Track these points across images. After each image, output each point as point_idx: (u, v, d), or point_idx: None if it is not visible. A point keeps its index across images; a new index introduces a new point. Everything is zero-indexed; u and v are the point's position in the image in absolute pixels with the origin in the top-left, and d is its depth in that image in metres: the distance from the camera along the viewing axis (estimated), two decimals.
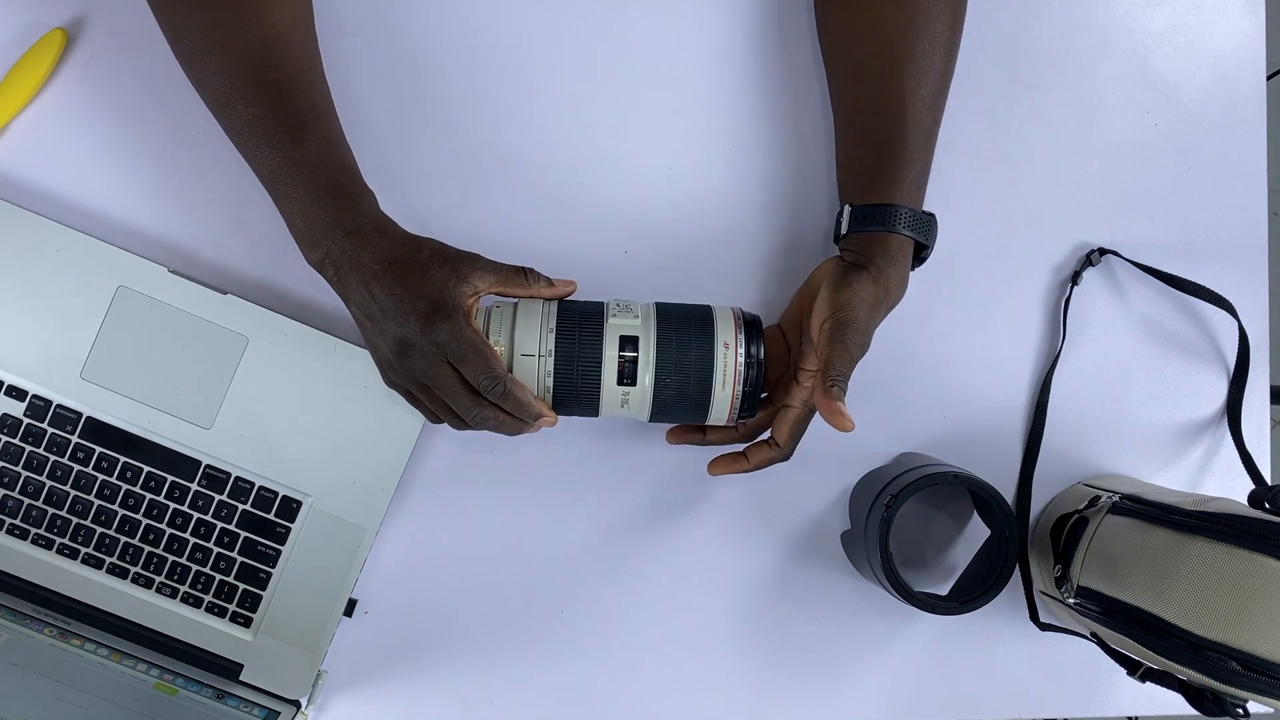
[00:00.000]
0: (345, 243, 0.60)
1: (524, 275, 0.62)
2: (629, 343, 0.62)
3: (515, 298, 0.63)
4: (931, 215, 0.66)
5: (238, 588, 0.68)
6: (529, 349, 0.61)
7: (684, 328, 0.62)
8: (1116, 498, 0.65)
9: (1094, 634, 0.66)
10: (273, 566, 0.68)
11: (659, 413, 0.63)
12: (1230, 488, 0.75)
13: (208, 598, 0.68)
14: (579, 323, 0.62)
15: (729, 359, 0.61)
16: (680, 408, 0.62)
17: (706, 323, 0.62)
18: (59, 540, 0.68)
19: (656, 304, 0.64)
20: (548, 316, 0.62)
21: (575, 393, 0.62)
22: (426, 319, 0.58)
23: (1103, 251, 0.75)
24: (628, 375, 0.61)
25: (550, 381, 0.61)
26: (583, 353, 0.61)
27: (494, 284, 0.61)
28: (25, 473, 0.68)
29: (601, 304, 0.63)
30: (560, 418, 0.64)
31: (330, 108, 0.65)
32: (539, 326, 0.61)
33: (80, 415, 0.68)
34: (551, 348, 0.61)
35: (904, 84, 0.66)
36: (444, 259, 0.60)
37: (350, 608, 0.69)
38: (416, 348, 0.59)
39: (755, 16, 0.75)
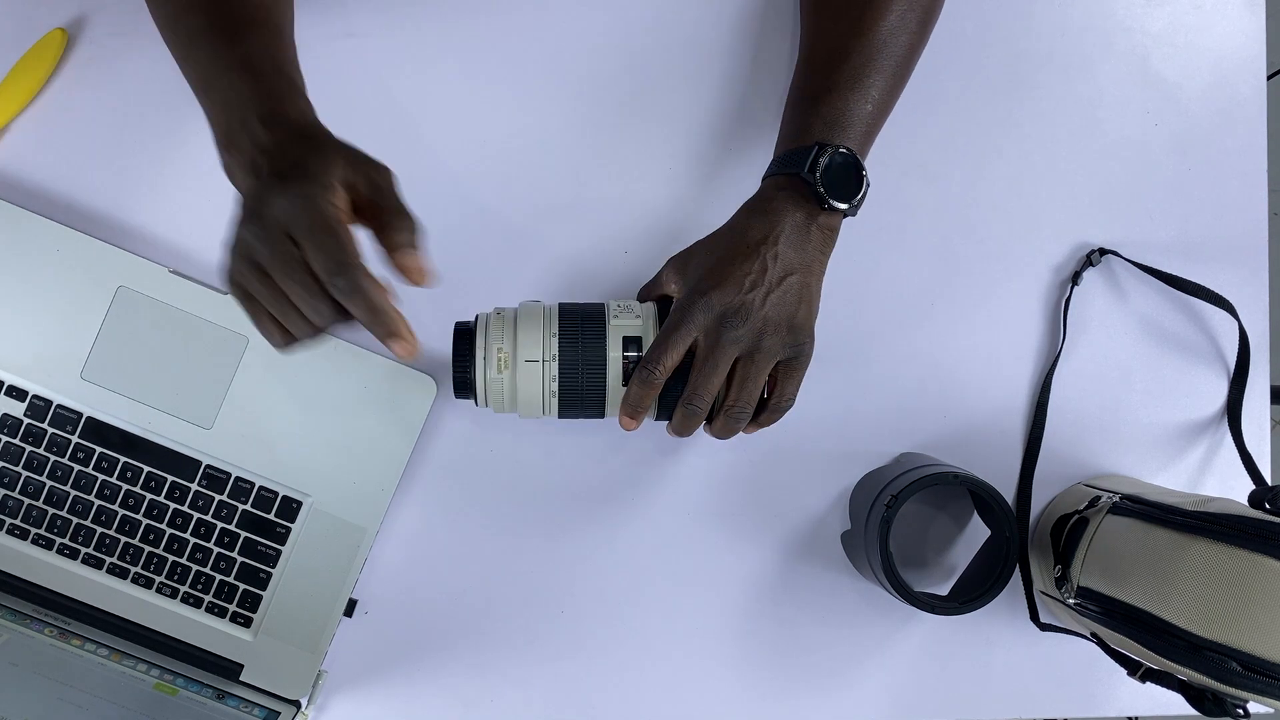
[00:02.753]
0: (260, 132, 0.52)
1: (397, 214, 0.51)
2: (632, 343, 0.62)
3: (368, 232, 0.52)
4: (815, 145, 0.60)
5: (238, 588, 0.68)
6: (532, 354, 0.61)
7: None
8: (1117, 498, 0.65)
9: (1094, 634, 0.66)
10: (273, 566, 0.68)
11: (664, 411, 0.63)
12: (1230, 488, 0.75)
13: (208, 598, 0.68)
14: (581, 325, 0.62)
15: None
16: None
17: None
18: (59, 540, 0.68)
19: (657, 303, 0.64)
20: (549, 321, 0.62)
21: (581, 396, 0.62)
22: (281, 177, 0.49)
23: (1103, 251, 0.75)
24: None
25: (555, 386, 0.61)
26: (586, 355, 0.61)
27: (368, 189, 0.51)
28: (25, 473, 0.68)
29: (602, 305, 0.63)
30: (560, 420, 0.64)
31: (282, 30, 0.60)
32: (541, 331, 0.61)
33: (80, 415, 0.68)
34: (555, 352, 0.61)
35: (826, 44, 0.65)
36: (338, 146, 0.52)
37: (350, 608, 0.69)
38: (261, 214, 0.49)
39: (756, 18, 0.75)
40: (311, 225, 0.48)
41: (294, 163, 0.50)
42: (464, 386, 0.62)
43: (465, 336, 0.62)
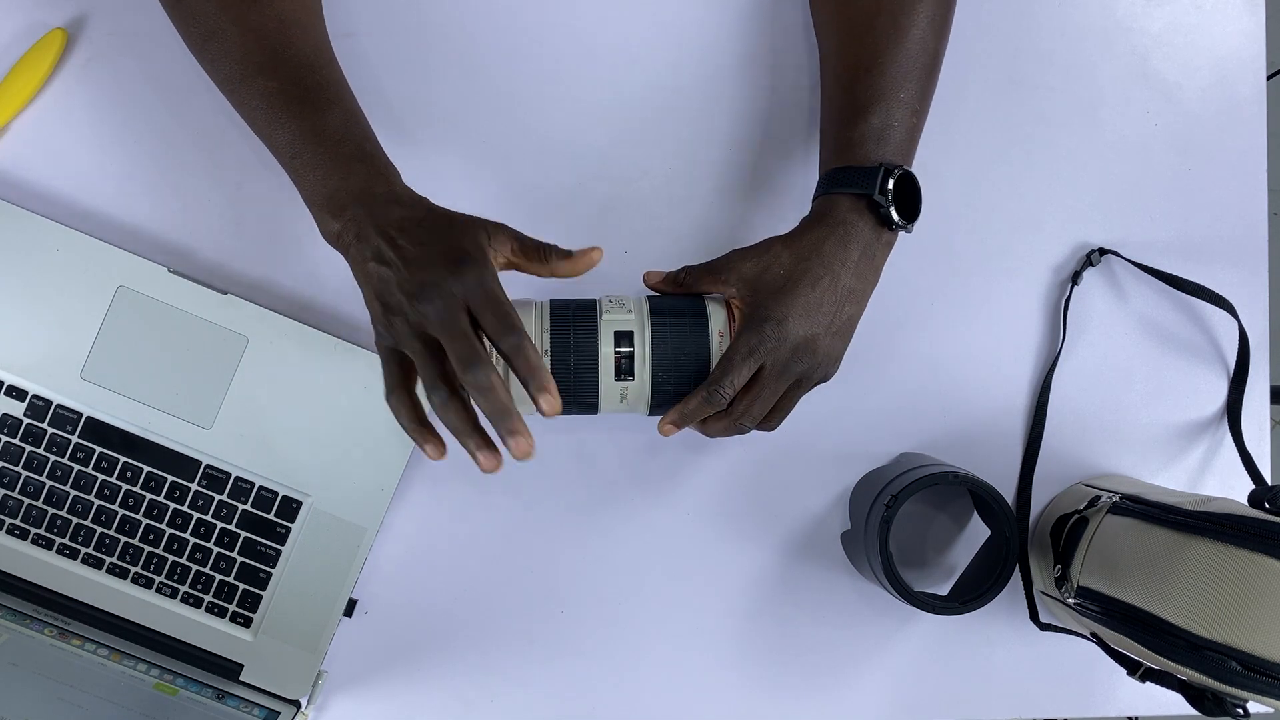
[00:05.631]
0: (375, 205, 0.58)
1: (542, 250, 0.61)
2: (624, 338, 0.61)
3: (533, 274, 0.61)
4: (879, 167, 0.62)
5: (238, 588, 0.68)
6: None
7: (678, 319, 0.62)
8: (1116, 498, 0.65)
9: (1094, 634, 0.66)
10: (273, 566, 0.68)
11: (658, 406, 0.63)
12: (1230, 488, 0.75)
13: (208, 598, 0.68)
14: (573, 321, 0.62)
15: (724, 348, 0.61)
16: (679, 400, 0.62)
17: (700, 313, 0.62)
18: (59, 540, 0.68)
19: (649, 297, 0.64)
20: (541, 316, 0.62)
21: (574, 392, 0.62)
22: (456, 263, 0.56)
23: (1103, 251, 0.75)
24: (625, 370, 0.61)
25: None
26: (578, 351, 0.61)
27: (516, 251, 0.60)
28: (25, 473, 0.68)
29: (594, 300, 0.63)
30: (562, 418, 0.64)
31: (348, 87, 0.64)
32: (533, 326, 0.61)
33: (80, 415, 0.68)
34: (547, 348, 0.61)
35: (857, 55, 0.66)
36: (476, 222, 0.60)
37: (350, 608, 0.69)
38: (440, 290, 0.56)
39: (757, 17, 0.75)
40: (486, 299, 0.56)
41: (452, 245, 0.57)
42: None
43: None
